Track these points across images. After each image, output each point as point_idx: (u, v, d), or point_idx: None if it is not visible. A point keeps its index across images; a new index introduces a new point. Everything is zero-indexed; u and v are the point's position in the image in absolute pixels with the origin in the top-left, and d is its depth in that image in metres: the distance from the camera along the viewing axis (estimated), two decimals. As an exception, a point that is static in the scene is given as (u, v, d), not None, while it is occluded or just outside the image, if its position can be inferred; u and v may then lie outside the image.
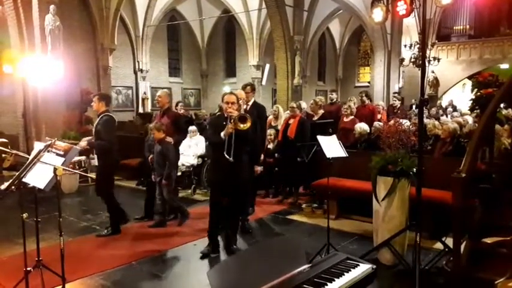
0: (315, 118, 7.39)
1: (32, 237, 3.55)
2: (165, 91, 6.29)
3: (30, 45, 8.22)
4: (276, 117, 7.60)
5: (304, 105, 8.25)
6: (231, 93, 4.76)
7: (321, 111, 7.50)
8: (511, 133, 4.85)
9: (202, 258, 4.56)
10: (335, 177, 5.63)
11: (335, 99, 9.37)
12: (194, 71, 23.75)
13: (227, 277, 1.87)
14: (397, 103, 10.08)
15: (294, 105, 7.15)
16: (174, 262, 4.55)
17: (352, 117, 7.66)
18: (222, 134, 4.33)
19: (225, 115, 4.47)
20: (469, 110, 8.74)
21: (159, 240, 5.17)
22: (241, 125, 4.21)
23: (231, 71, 24.30)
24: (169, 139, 5.61)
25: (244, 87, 5.68)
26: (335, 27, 24.90)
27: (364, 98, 8.81)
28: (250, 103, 5.68)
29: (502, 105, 6.62)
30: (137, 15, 19.13)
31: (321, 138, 4.43)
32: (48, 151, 3.35)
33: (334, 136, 4.67)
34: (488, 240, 2.80)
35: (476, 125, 5.36)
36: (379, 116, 8.79)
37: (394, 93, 11.76)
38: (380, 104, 9.51)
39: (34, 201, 3.47)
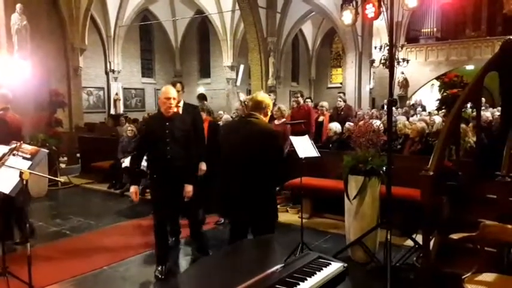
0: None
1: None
2: (1, 93, 5.05)
3: (-5, 45, 7.96)
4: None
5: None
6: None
7: None
8: (475, 132, 5.02)
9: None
10: (308, 177, 5.69)
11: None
12: (168, 71, 23.51)
13: (200, 279, 1.86)
14: (341, 104, 9.23)
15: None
16: (147, 266, 4.47)
17: (284, 119, 7.19)
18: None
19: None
20: (436, 109, 8.97)
21: (131, 244, 5.08)
22: None
23: (205, 72, 24.19)
24: None
25: (174, 85, 4.46)
26: (308, 29, 25.14)
27: (299, 99, 8.07)
28: (180, 105, 4.61)
29: (469, 105, 6.85)
30: (108, 15, 18.79)
31: (293, 139, 4.47)
32: (13, 154, 3.25)
33: (307, 136, 4.71)
34: (455, 236, 2.89)
35: (444, 124, 5.52)
36: (321, 118, 8.26)
37: (339, 93, 11.33)
38: (323, 105, 8.77)
39: (-1, 207, 3.37)
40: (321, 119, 8.29)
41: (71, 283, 3.98)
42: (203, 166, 4.77)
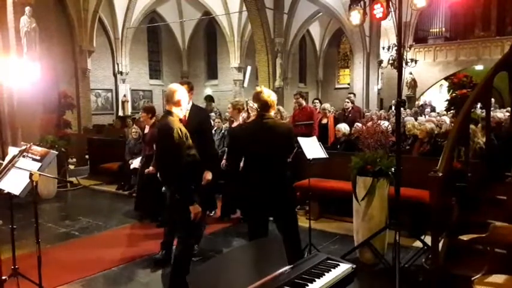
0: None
1: (7, 245, 3.47)
2: None
3: (4, 47, 8.02)
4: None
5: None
6: None
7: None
8: (485, 132, 4.98)
9: None
10: (316, 178, 5.68)
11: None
12: (175, 73, 23.62)
13: (208, 280, 1.86)
14: (349, 105, 8.88)
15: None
16: (156, 267, 4.48)
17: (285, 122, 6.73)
18: None
19: None
20: (445, 110, 8.90)
21: (140, 245, 5.11)
22: None
23: (212, 73, 24.26)
24: None
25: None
26: (315, 30, 25.10)
27: (300, 100, 7.74)
28: (189, 107, 4.20)
29: (479, 105, 6.79)
30: (116, 17, 18.93)
31: (301, 140, 4.46)
32: (23, 156, 3.28)
33: (315, 137, 4.70)
34: (465, 238, 2.86)
35: (453, 125, 5.48)
36: (325, 121, 8.03)
37: (350, 93, 11.06)
38: (326, 107, 8.44)
39: (9, 208, 3.40)
40: (324, 121, 8.08)
41: (80, 284, 4.01)
42: (208, 175, 4.08)
